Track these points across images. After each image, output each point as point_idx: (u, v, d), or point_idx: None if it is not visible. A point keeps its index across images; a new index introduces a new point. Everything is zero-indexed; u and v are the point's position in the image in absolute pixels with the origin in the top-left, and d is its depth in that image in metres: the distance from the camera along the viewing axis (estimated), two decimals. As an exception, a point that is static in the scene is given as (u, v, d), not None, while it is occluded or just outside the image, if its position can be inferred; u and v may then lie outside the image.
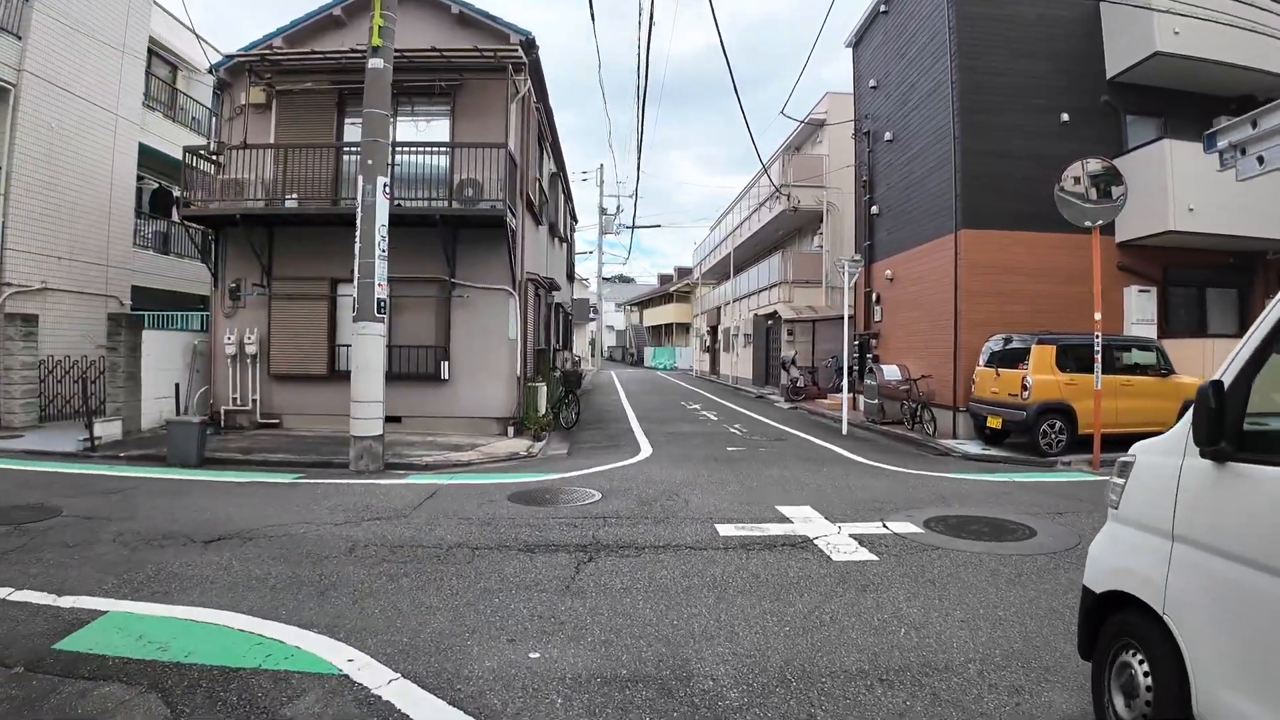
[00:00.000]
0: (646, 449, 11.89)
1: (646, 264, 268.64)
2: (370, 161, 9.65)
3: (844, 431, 14.70)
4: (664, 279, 72.58)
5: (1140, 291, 13.97)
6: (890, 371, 15.62)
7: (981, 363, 13.00)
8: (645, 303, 69.84)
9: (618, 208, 62.05)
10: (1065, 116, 14.13)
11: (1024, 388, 11.54)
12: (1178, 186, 13.04)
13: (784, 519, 7.00)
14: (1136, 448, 3.14)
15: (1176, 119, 14.53)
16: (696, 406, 20.66)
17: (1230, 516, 2.51)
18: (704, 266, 44.73)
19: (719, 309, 38.07)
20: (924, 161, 15.48)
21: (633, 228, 48.09)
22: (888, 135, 17.35)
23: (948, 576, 5.33)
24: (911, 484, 9.20)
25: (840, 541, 6.21)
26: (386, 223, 9.72)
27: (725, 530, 6.50)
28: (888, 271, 17.17)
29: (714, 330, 39.84)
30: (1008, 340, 12.55)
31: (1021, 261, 13.81)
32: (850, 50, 20.28)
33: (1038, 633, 4.28)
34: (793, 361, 22.55)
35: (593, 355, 50.64)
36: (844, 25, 22.65)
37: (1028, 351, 11.84)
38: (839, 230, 24.19)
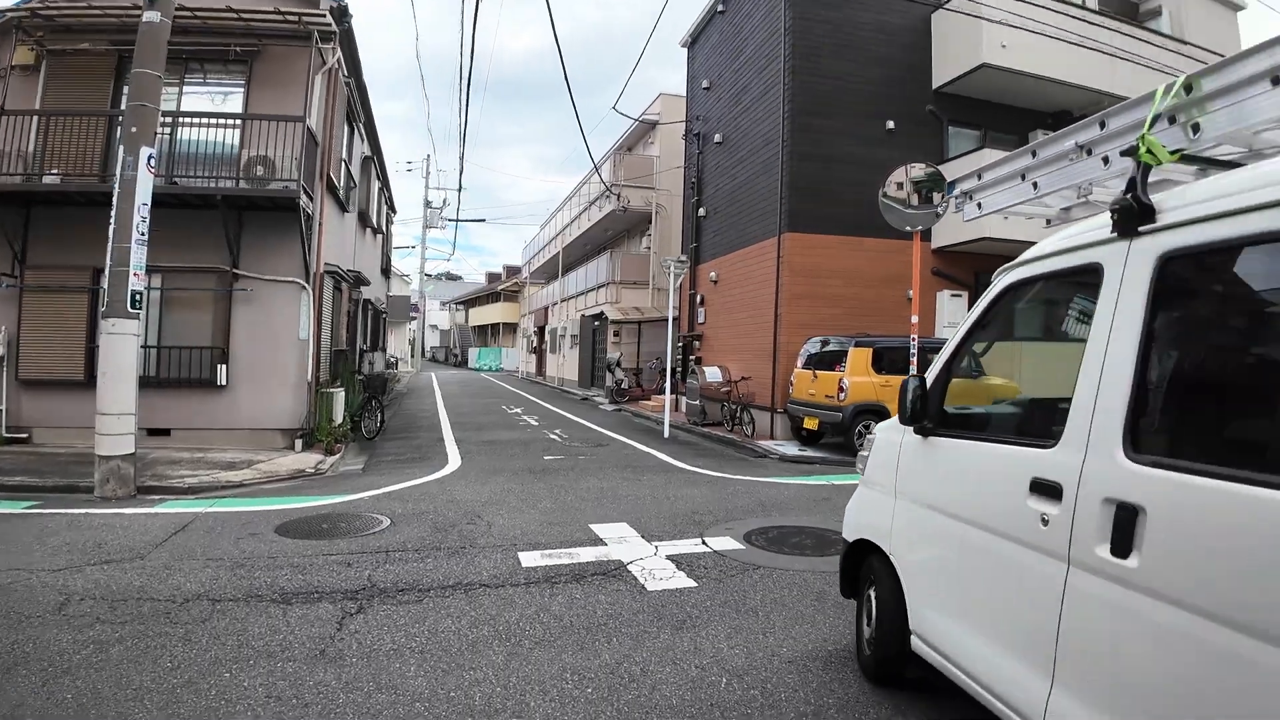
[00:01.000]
0: (455, 461, 10.90)
1: (475, 262, 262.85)
2: (135, 129, 8.14)
3: (666, 435, 14.36)
4: (492, 277, 70.67)
5: (953, 296, 14.49)
6: (712, 373, 15.48)
7: (800, 365, 13.01)
8: (471, 301, 67.75)
9: (443, 201, 59.65)
10: (890, 124, 14.44)
11: (840, 389, 11.58)
12: (986, 195, 13.59)
13: (597, 540, 6.34)
14: (877, 428, 4.03)
15: (996, 131, 15.18)
16: (518, 410, 19.80)
17: (927, 475, 3.40)
18: (533, 266, 43.88)
19: (546, 309, 37.35)
20: (751, 164, 15.43)
21: (456, 221, 46.00)
22: (717, 137, 17.25)
23: (772, 604, 4.86)
24: (732, 491, 8.85)
25: (656, 566, 5.63)
26: (149, 201, 8.25)
27: (530, 559, 5.75)
28: (713, 273, 17.08)
29: (541, 331, 39.01)
30: (825, 343, 12.61)
31: (842, 265, 13.98)
32: (685, 50, 20.10)
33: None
34: (618, 363, 22.17)
35: (413, 356, 48.30)
36: (682, 28, 22.56)
37: (845, 354, 11.91)
38: (667, 231, 24.06)
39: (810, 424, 12.30)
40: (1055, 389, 2.73)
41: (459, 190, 60.91)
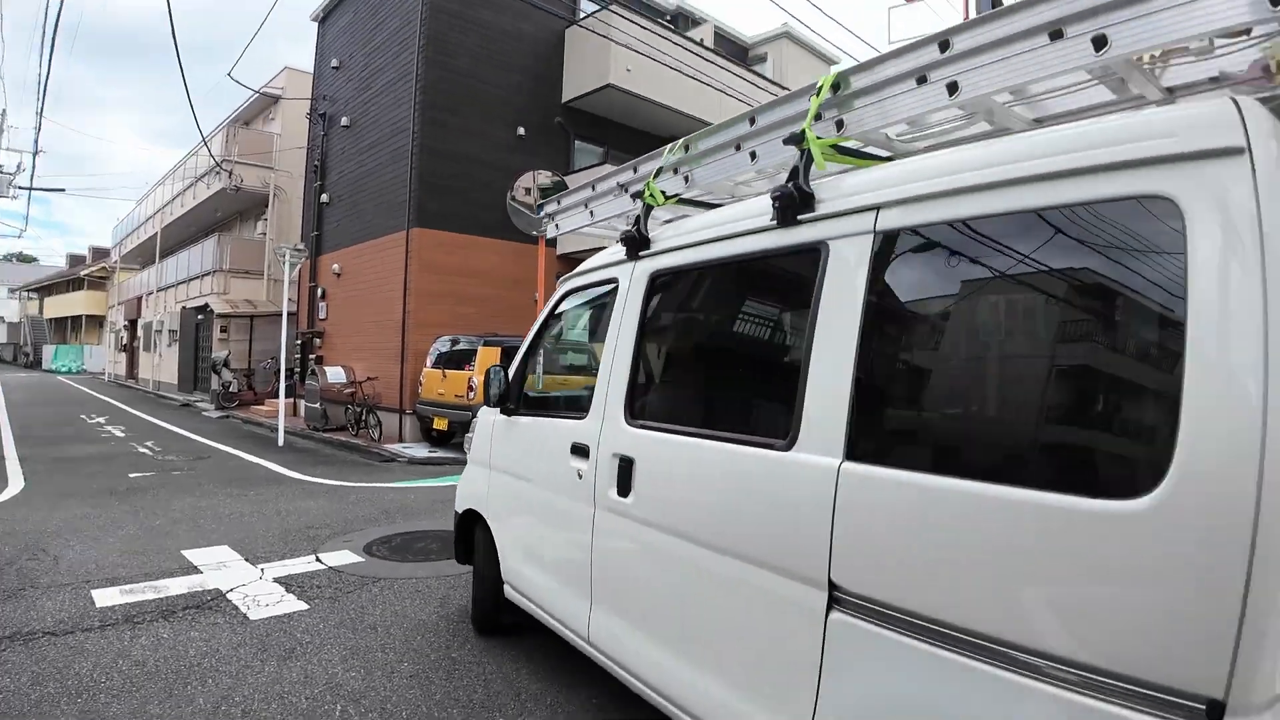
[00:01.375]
0: (16, 484, 8.94)
1: (58, 243, 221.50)
2: None
3: (281, 442, 13.18)
4: (75, 260, 58.87)
5: (575, 301, 15.23)
6: (334, 373, 14.61)
7: (429, 364, 12.82)
8: (48, 289, 55.77)
9: (18, 165, 48.60)
10: (522, 130, 14.73)
11: (469, 388, 11.57)
12: (612, 209, 14.45)
13: (191, 569, 5.61)
14: (480, 411, 4.53)
15: (617, 150, 16.19)
16: (101, 420, 16.90)
17: (510, 448, 4.11)
18: (125, 248, 37.62)
19: (140, 299, 32.31)
20: (380, 153, 14.81)
21: (30, 189, 37.40)
22: (345, 120, 16.27)
23: (393, 617, 4.68)
24: (354, 499, 8.41)
25: (262, 591, 5.14)
26: None
27: (106, 598, 4.89)
28: (335, 265, 16.12)
29: (133, 325, 33.57)
30: (455, 341, 12.59)
31: (474, 265, 14.01)
32: (316, 25, 18.58)
33: (498, 672, 3.88)
34: (225, 363, 19.93)
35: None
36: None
37: (474, 352, 11.95)
38: (287, 216, 22.18)
39: (440, 424, 12.16)
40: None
41: (34, 154, 49.91)
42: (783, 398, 2.36)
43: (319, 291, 16.83)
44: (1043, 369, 1.85)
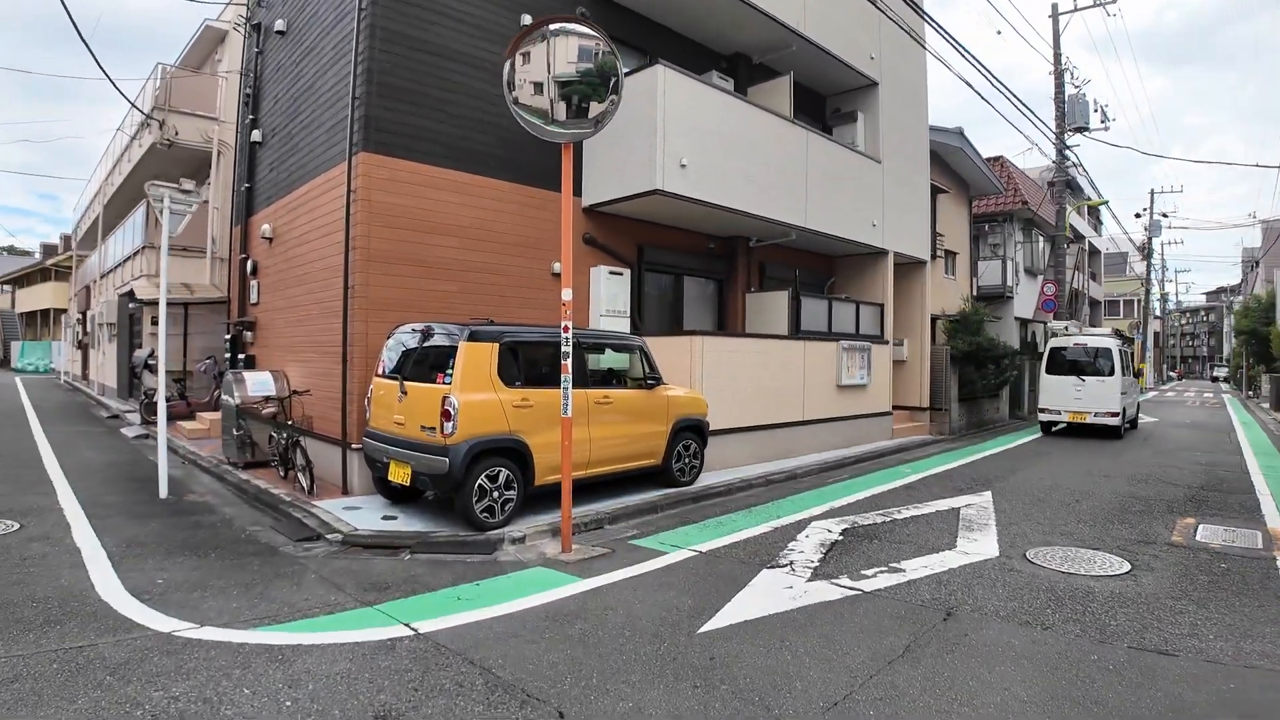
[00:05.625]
0: None
1: (35, 223, 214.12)
2: None
3: (164, 493, 8.31)
4: (48, 249, 54.53)
5: (612, 274, 10.32)
6: (258, 382, 9.68)
7: (380, 370, 7.78)
8: (20, 280, 51.45)
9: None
10: (527, 18, 9.85)
11: (446, 414, 6.69)
12: (670, 132, 9.59)
13: None
14: None
15: (666, 61, 11.33)
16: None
17: None
18: (80, 231, 33.07)
19: (88, 288, 27.70)
20: (319, 56, 9.90)
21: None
22: (279, 24, 11.37)
23: None
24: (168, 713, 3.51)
25: None
26: None
27: None
28: (266, 226, 11.19)
29: (84, 318, 28.96)
30: (425, 334, 7.43)
31: (459, 216, 9.09)
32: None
33: None
34: (146, 364, 15.10)
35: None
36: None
37: (453, 352, 6.98)
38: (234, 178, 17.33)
39: (399, 475, 7.13)
40: None
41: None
42: None
43: (249, 265, 11.98)
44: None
